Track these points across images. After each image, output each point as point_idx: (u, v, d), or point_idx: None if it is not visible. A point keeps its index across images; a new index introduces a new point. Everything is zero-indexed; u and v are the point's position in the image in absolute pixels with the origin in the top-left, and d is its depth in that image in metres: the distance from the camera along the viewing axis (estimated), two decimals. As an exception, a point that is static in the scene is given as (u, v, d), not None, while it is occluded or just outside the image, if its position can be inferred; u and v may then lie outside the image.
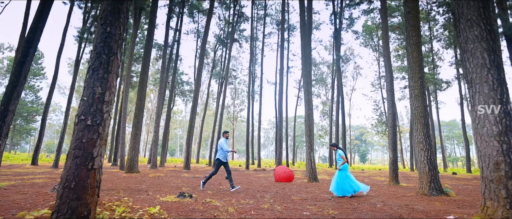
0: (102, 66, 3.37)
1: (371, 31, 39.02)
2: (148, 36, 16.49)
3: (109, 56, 3.44)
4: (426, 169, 8.52)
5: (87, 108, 3.23)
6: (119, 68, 3.60)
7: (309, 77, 14.01)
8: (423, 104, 9.01)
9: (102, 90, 3.32)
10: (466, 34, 5.57)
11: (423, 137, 8.77)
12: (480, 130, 5.17)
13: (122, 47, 3.67)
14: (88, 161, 3.13)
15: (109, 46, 3.46)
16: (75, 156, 3.10)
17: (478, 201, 7.43)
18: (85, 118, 3.20)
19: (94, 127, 3.22)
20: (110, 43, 3.47)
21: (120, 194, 6.82)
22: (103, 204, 4.07)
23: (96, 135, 3.22)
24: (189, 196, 6.46)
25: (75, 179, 3.03)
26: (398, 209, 5.98)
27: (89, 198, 3.09)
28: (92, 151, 3.17)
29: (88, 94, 3.27)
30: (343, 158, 8.00)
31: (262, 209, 5.59)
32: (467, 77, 5.52)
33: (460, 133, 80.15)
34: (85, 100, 3.24)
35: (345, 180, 7.82)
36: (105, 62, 3.40)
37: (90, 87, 3.30)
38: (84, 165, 3.10)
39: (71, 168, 3.07)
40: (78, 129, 3.17)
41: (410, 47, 9.57)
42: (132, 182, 10.23)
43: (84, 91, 3.31)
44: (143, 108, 16.12)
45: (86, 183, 3.07)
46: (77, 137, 3.15)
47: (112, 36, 3.50)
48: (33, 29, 8.61)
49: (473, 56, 5.39)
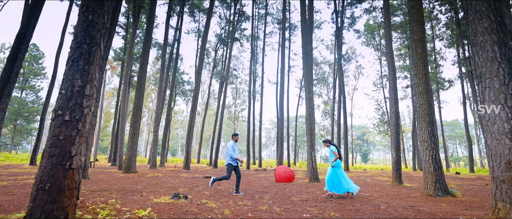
0: (83, 57, 3.09)
1: (373, 30, 38.72)
2: (146, 34, 16.23)
3: (90, 47, 3.16)
4: (431, 169, 8.22)
5: (65, 102, 2.95)
6: (102, 60, 3.33)
7: (310, 75, 13.72)
8: (427, 101, 8.71)
9: (83, 83, 3.04)
10: (475, 27, 5.26)
11: (428, 136, 8.46)
12: (491, 127, 4.87)
13: (107, 37, 3.39)
14: (65, 160, 2.85)
15: (91, 36, 3.18)
16: (51, 155, 2.83)
17: (486, 202, 7.13)
18: (63, 112, 2.92)
19: (73, 123, 2.94)
20: (92, 32, 3.20)
21: (112, 195, 6.55)
22: (86, 207, 3.79)
23: (75, 131, 2.94)
24: (184, 197, 6.18)
25: (50, 180, 2.75)
26: (403, 211, 5.69)
27: (66, 201, 2.81)
28: (70, 149, 2.89)
29: (66, 87, 2.99)
30: (336, 154, 7.67)
31: (260, 211, 5.31)
32: (476, 72, 5.22)
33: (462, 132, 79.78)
34: (63, 94, 2.96)
35: (339, 176, 7.52)
36: (86, 52, 3.12)
37: (69, 80, 3.01)
38: (60, 165, 2.82)
39: (46, 168, 2.79)
40: (54, 125, 2.90)
41: (414, 43, 9.27)
42: (128, 182, 9.97)
43: (62, 84, 3.03)
44: (142, 107, 15.86)
45: (62, 184, 2.80)
46: (53, 133, 2.87)
47: (94, 25, 3.23)
48: (25, 25, 8.35)
49: (483, 49, 5.09)
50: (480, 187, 11.60)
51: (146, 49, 16.11)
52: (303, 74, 14.47)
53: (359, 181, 13.57)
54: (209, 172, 18.14)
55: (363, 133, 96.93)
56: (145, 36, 16.27)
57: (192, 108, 21.59)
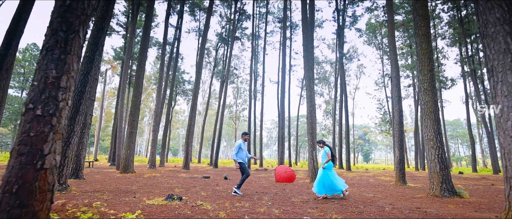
0: (59, 46, 2.78)
1: (375, 29, 38.39)
2: (144, 31, 15.94)
3: (67, 34, 2.85)
4: (437, 168, 7.90)
5: (37, 95, 2.65)
6: (81, 50, 3.02)
7: (311, 73, 13.41)
8: (433, 98, 8.38)
9: (58, 74, 2.74)
10: (486, 17, 4.94)
11: (434, 134, 8.14)
12: (504, 124, 4.54)
13: (87, 25, 3.09)
14: (36, 159, 2.55)
15: (68, 22, 2.88)
16: (20, 153, 2.53)
17: (495, 204, 6.81)
18: (34, 106, 2.62)
19: (46, 118, 2.64)
20: (70, 18, 2.89)
21: (103, 196, 6.26)
22: (65, 211, 3.49)
23: (48, 127, 2.64)
24: (178, 199, 5.88)
25: (19, 182, 2.45)
26: (409, 213, 5.38)
27: (38, 205, 2.52)
28: (42, 147, 2.58)
29: (39, 79, 2.68)
30: (328, 156, 7.33)
31: (258, 213, 5.01)
32: (488, 65, 4.89)
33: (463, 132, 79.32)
34: (35, 86, 2.66)
35: (331, 178, 7.18)
36: (63, 40, 2.81)
37: (42, 70, 2.71)
38: (31, 164, 2.52)
39: (14, 168, 2.49)
40: (24, 120, 2.59)
41: (419, 38, 8.95)
42: (124, 183, 9.68)
43: (35, 75, 2.74)
44: (140, 106, 15.58)
45: (33, 186, 2.50)
46: (23, 130, 2.57)
47: (72, 11, 2.93)
48: (16, 20, 8.07)
49: (495, 41, 4.77)
50: (486, 187, 11.27)
51: (144, 47, 15.82)
52: (304, 72, 14.18)
53: (362, 181, 13.25)
54: (209, 172, 17.85)
55: (365, 133, 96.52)
56: (143, 33, 15.99)
57: (191, 107, 21.31)
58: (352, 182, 12.78)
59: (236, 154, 7.67)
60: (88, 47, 7.85)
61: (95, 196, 6.26)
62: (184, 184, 9.88)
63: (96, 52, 7.78)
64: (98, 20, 7.95)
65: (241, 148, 7.73)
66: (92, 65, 7.64)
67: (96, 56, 7.81)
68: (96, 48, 7.74)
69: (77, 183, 9.20)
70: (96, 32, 7.84)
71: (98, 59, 8.04)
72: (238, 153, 7.69)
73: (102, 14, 7.93)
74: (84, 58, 7.71)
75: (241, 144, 7.75)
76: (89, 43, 7.91)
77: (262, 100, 32.52)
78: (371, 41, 40.14)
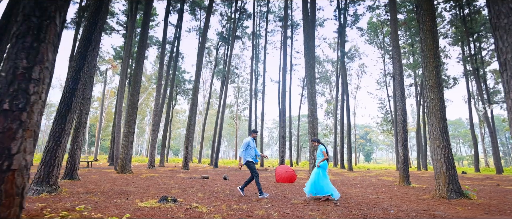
0: (31, 33, 2.50)
1: (376, 28, 38.07)
2: (142, 29, 15.66)
3: (41, 20, 2.57)
4: (443, 169, 7.59)
5: (5, 87, 2.37)
6: (58, 39, 2.73)
7: (312, 71, 13.11)
8: (439, 96, 8.07)
9: (29, 64, 2.46)
10: (498, 8, 4.63)
11: (440, 133, 7.83)
12: (518, 121, 4.25)
13: (66, 12, 2.80)
14: (2, 159, 2.27)
15: (41, 8, 2.60)
16: (-17, 152, 2.25)
17: (505, 205, 6.50)
18: (1, 100, 2.34)
19: (14, 113, 2.36)
20: (44, 3, 2.62)
21: (94, 198, 5.97)
22: (42, 216, 3.22)
23: (17, 123, 2.36)
24: (172, 201, 5.59)
25: (-20, 185, 2.18)
26: (416, 216, 5.08)
27: (4, 210, 2.24)
28: (9, 146, 2.30)
29: (7, 69, 2.40)
30: (324, 155, 6.96)
31: (256, 216, 4.72)
32: (500, 59, 4.58)
33: (465, 131, 78.98)
34: (3, 77, 2.37)
35: (323, 179, 6.85)
36: (36, 27, 2.53)
37: (11, 60, 2.42)
38: (-5, 165, 2.24)
39: (-24, 168, 2.22)
40: (-11, 115, 2.32)
41: (423, 33, 8.64)
42: (119, 183, 9.40)
43: (3, 65, 2.46)
44: (137, 105, 15.30)
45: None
46: (-13, 126, 2.30)
47: (47, -5, 2.65)
48: (7, 15, 7.79)
49: (508, 33, 4.46)
50: (492, 188, 10.96)
51: (142, 45, 15.54)
52: (305, 71, 13.89)
53: (364, 181, 12.94)
54: (209, 172, 17.56)
55: (366, 132, 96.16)
56: (141, 31, 15.71)
57: (191, 107, 21.04)
58: (354, 182, 12.47)
59: (244, 151, 7.20)
60: (80, 42, 7.57)
61: (86, 198, 5.99)
62: (181, 185, 9.59)
63: (89, 48, 7.49)
64: (91, 14, 7.68)
65: (250, 145, 7.24)
66: (84, 62, 7.34)
67: (89, 53, 7.51)
68: (89, 44, 7.46)
69: (70, 183, 8.93)
70: (89, 27, 7.56)
71: (91, 56, 7.73)
72: (247, 150, 7.19)
73: (95, 8, 7.65)
74: (76, 54, 7.43)
75: (250, 141, 7.28)
76: (82, 38, 7.64)
77: (263, 100, 32.22)
78: (373, 40, 39.82)
